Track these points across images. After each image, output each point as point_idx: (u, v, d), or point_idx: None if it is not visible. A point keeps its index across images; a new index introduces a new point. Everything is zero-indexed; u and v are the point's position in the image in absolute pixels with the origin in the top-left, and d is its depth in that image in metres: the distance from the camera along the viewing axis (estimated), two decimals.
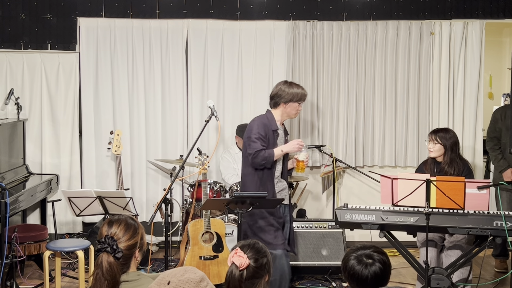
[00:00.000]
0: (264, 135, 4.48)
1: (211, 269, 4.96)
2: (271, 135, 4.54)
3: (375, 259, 2.52)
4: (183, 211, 5.73)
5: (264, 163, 4.44)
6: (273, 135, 4.55)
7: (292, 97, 4.56)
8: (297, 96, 4.59)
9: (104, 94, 6.26)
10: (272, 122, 4.58)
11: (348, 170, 6.43)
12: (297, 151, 4.56)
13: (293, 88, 4.60)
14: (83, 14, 6.24)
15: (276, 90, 4.63)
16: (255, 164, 4.47)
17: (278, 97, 4.59)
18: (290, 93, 4.57)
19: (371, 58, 6.32)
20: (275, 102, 4.62)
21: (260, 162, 4.44)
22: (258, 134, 4.46)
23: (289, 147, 4.54)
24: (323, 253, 5.40)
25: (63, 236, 6.22)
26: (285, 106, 4.58)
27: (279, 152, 4.49)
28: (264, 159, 4.42)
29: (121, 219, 2.59)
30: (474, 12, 6.35)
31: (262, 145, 4.45)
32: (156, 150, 6.31)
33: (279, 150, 4.49)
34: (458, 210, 4.15)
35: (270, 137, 4.53)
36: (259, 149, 4.42)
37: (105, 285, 2.45)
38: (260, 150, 4.42)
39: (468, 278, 4.60)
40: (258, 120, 4.58)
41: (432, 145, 4.82)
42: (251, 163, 4.48)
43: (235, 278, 2.53)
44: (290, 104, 4.58)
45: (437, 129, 4.96)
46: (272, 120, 4.59)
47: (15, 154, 5.82)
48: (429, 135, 4.91)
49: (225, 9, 6.29)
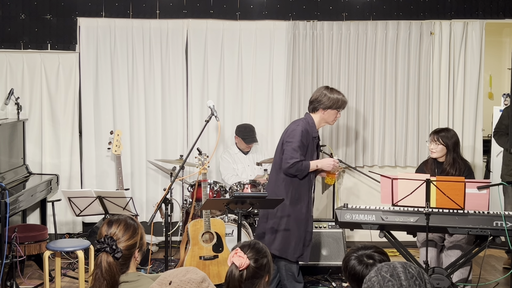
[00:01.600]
0: (306, 143, 4.41)
1: (211, 269, 4.96)
2: (311, 142, 4.46)
3: (376, 259, 2.51)
4: (183, 211, 5.73)
5: (298, 174, 4.40)
6: (312, 142, 4.48)
7: (332, 103, 4.47)
8: (338, 103, 4.49)
9: (104, 94, 6.26)
10: (313, 128, 4.49)
11: (348, 170, 6.44)
12: (331, 169, 4.48)
13: (334, 94, 4.50)
14: (83, 14, 6.24)
15: (316, 95, 4.53)
16: (288, 173, 4.42)
17: (318, 102, 4.49)
18: (331, 100, 4.47)
19: (371, 58, 6.33)
20: (314, 107, 4.52)
21: (293, 173, 4.39)
22: (299, 143, 4.38)
23: (324, 163, 4.46)
24: (323, 253, 5.40)
25: (63, 236, 6.22)
26: (324, 113, 4.49)
27: (314, 167, 4.42)
28: (298, 171, 4.37)
29: (120, 219, 2.58)
30: (474, 12, 6.35)
31: (301, 155, 4.37)
32: (156, 150, 6.31)
33: (314, 165, 4.42)
34: (458, 210, 4.15)
35: (310, 144, 4.45)
36: (297, 160, 4.35)
37: (104, 285, 2.45)
38: (298, 162, 4.34)
39: (468, 278, 4.60)
40: (303, 125, 4.46)
41: (434, 145, 4.79)
42: (284, 170, 4.42)
43: (235, 278, 2.53)
44: (329, 111, 4.49)
45: (439, 129, 4.94)
46: (313, 126, 4.50)
47: (15, 154, 5.82)
48: (430, 135, 4.89)
49: (225, 9, 6.29)
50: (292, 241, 4.46)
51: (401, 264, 1.82)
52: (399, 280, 1.77)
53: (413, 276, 1.78)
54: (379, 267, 1.83)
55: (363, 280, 1.86)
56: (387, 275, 1.79)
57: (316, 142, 4.57)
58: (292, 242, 4.46)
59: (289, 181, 4.45)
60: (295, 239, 4.47)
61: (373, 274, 1.82)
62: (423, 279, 1.79)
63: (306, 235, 4.51)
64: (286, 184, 4.45)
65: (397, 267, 1.80)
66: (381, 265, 1.84)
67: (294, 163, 4.34)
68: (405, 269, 1.80)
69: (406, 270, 1.79)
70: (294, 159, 4.35)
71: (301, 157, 4.37)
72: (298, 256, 4.50)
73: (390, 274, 1.79)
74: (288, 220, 4.46)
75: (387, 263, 1.84)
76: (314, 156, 4.53)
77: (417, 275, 1.78)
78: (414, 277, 1.78)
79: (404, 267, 1.80)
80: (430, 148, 4.84)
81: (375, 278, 1.81)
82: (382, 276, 1.79)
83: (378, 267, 1.83)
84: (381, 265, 1.84)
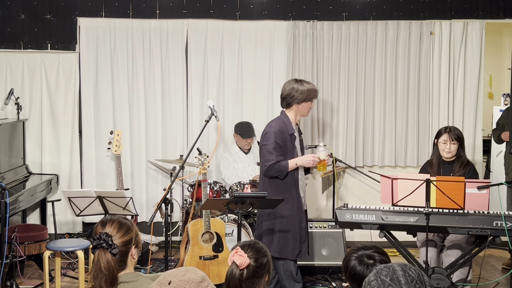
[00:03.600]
0: (282, 143, 4.38)
1: (211, 269, 4.96)
2: (288, 140, 4.43)
3: (376, 259, 2.51)
4: (183, 211, 5.73)
5: (278, 175, 4.39)
6: (290, 140, 4.44)
7: (306, 96, 4.42)
8: (310, 94, 4.44)
9: (104, 94, 6.26)
10: (289, 125, 4.45)
11: (348, 170, 6.44)
12: (312, 166, 4.46)
13: (304, 85, 4.43)
14: (83, 14, 6.24)
15: (288, 90, 4.45)
16: (268, 176, 4.42)
17: (291, 98, 4.43)
18: (303, 92, 4.40)
19: (371, 58, 6.32)
20: (287, 103, 4.47)
21: (273, 174, 4.39)
22: (274, 144, 4.36)
23: (303, 160, 4.43)
24: (323, 253, 5.40)
25: (63, 236, 6.22)
26: (298, 107, 4.45)
27: (293, 165, 4.39)
28: (277, 172, 4.37)
29: (113, 218, 2.62)
30: (474, 12, 6.35)
31: (277, 156, 4.35)
32: (156, 150, 6.31)
33: (293, 163, 4.39)
34: (458, 210, 4.15)
35: (287, 142, 4.42)
36: (273, 162, 4.34)
37: (103, 281, 2.45)
38: (275, 163, 4.34)
39: (468, 278, 4.60)
40: (276, 126, 4.43)
41: (449, 145, 4.64)
42: (264, 173, 4.43)
43: (235, 278, 2.53)
44: (303, 104, 4.44)
45: (450, 127, 4.75)
46: (289, 124, 4.46)
47: (15, 154, 5.82)
48: (446, 135, 4.66)
49: (225, 9, 6.29)
50: (290, 240, 4.46)
51: (401, 266, 1.80)
52: (400, 284, 1.74)
53: (413, 280, 1.76)
54: (378, 271, 1.80)
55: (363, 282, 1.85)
56: (387, 279, 1.77)
57: (296, 138, 4.52)
58: (290, 242, 4.46)
59: (274, 183, 4.44)
60: (291, 238, 4.47)
61: (373, 278, 1.80)
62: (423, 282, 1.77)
63: (301, 231, 4.51)
64: (271, 186, 4.45)
65: (397, 270, 1.78)
66: (380, 268, 1.81)
67: (270, 165, 4.35)
68: (405, 272, 1.77)
69: (406, 273, 1.77)
70: (271, 161, 4.35)
71: (278, 158, 4.35)
72: (297, 253, 4.50)
73: (390, 278, 1.76)
74: (282, 221, 4.46)
75: (386, 266, 1.81)
76: (294, 153, 4.48)
77: (417, 278, 1.77)
78: (414, 281, 1.76)
79: (404, 270, 1.78)
80: (445, 149, 4.66)
81: (374, 282, 1.78)
82: (382, 280, 1.77)
83: (377, 271, 1.81)
84: (380, 268, 1.81)
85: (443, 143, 4.68)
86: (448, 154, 4.67)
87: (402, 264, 1.82)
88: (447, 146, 4.65)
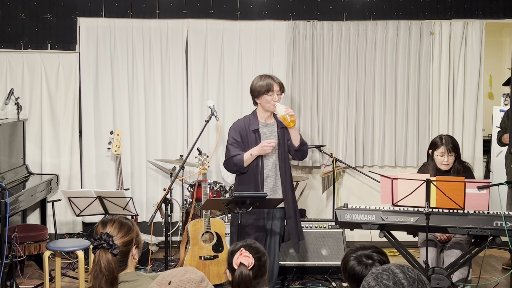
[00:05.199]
0: (240, 140, 4.41)
1: (211, 269, 4.96)
2: (250, 136, 4.42)
3: (375, 259, 2.51)
4: (183, 211, 5.73)
5: (236, 169, 4.40)
6: (254, 136, 4.42)
7: (259, 90, 4.40)
8: (263, 87, 4.39)
9: (104, 94, 6.26)
10: (252, 122, 4.46)
11: (348, 170, 6.43)
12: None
13: (257, 80, 4.45)
14: (83, 14, 6.24)
15: (250, 88, 4.52)
16: (230, 171, 4.52)
17: (252, 94, 4.48)
18: (256, 87, 4.42)
19: (371, 58, 6.32)
20: (253, 101, 4.53)
21: (232, 168, 4.43)
22: (231, 139, 4.43)
23: (257, 149, 4.36)
24: (323, 253, 5.40)
25: (63, 236, 6.22)
26: (259, 102, 4.45)
27: (248, 156, 4.36)
28: (235, 166, 4.38)
29: (114, 219, 2.61)
30: (474, 12, 6.35)
31: (233, 152, 4.37)
32: (156, 150, 6.31)
33: (248, 154, 4.36)
34: (458, 210, 4.15)
35: (250, 138, 4.41)
36: (228, 157, 4.41)
37: (104, 282, 2.45)
38: (231, 157, 4.38)
39: (468, 278, 4.59)
40: (236, 123, 4.51)
41: (447, 158, 4.56)
42: (227, 170, 4.53)
43: (247, 278, 2.56)
44: (261, 98, 4.42)
45: (445, 137, 4.61)
46: (253, 120, 4.47)
47: (15, 154, 5.82)
48: (443, 147, 4.55)
49: (225, 9, 6.29)
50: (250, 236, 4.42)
51: (399, 268, 1.77)
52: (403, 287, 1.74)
53: (414, 281, 1.74)
54: (378, 275, 1.77)
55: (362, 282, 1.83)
56: (390, 283, 1.73)
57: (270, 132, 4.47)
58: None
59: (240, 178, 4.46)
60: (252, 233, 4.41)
61: (373, 284, 1.76)
62: (423, 281, 1.76)
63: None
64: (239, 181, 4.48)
65: (397, 273, 1.75)
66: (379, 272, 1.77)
67: (225, 160, 4.44)
68: (405, 274, 1.75)
69: (406, 274, 1.75)
70: (226, 157, 4.44)
71: (233, 153, 4.38)
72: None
73: (393, 282, 1.73)
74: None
75: (384, 269, 1.78)
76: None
77: (417, 279, 1.76)
78: (416, 281, 1.74)
79: (403, 271, 1.76)
80: (442, 162, 4.57)
81: None
82: (385, 285, 1.73)
83: (377, 275, 1.77)
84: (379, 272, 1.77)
85: (440, 156, 4.59)
86: (446, 167, 4.60)
87: (398, 265, 1.80)
88: (444, 159, 4.57)
